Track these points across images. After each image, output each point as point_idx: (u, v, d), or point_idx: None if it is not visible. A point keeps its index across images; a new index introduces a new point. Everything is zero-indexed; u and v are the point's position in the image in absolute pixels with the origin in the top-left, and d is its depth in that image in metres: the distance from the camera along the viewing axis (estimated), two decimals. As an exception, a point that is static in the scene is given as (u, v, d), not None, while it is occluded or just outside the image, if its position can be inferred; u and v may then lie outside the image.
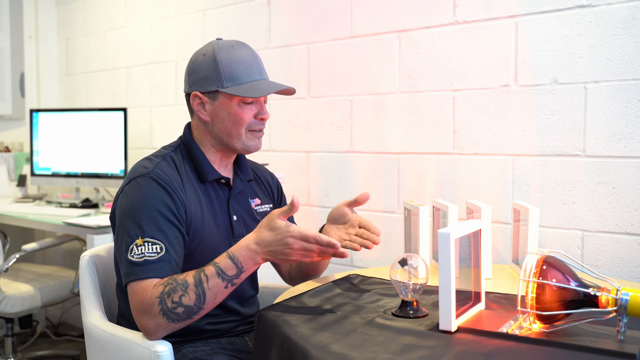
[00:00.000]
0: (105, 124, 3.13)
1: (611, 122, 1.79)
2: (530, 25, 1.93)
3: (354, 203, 1.56)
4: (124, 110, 3.07)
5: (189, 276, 1.32)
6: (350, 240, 1.55)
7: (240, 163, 1.63)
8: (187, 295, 1.29)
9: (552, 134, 1.90)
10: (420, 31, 2.19)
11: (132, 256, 1.34)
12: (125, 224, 1.38)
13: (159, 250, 1.34)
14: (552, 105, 1.90)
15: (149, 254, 1.33)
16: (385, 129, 2.29)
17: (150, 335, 1.34)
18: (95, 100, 3.63)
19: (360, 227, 1.56)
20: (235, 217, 1.57)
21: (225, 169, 1.58)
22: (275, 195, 1.75)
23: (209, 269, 1.32)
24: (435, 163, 2.17)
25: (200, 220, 1.48)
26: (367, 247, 1.53)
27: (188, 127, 1.58)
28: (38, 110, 3.31)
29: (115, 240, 1.43)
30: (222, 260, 1.33)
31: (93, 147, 3.17)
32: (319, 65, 2.49)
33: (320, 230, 1.61)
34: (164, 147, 1.57)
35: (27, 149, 3.67)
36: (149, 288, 1.31)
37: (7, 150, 3.60)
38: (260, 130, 1.52)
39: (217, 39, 1.53)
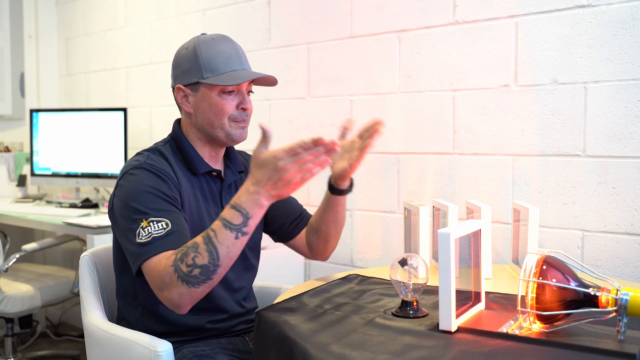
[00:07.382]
0: (105, 124, 3.13)
1: (611, 122, 1.79)
2: (530, 25, 1.93)
3: (343, 135, 1.55)
4: (124, 110, 3.07)
5: (198, 238, 1.29)
6: (355, 152, 1.52)
7: (230, 155, 1.64)
8: (199, 255, 1.25)
9: (552, 134, 1.90)
10: (420, 31, 2.19)
11: (141, 239, 1.33)
12: (127, 213, 1.38)
13: (164, 226, 1.33)
14: (552, 105, 1.90)
15: (156, 232, 1.32)
16: (385, 128, 2.29)
17: (177, 307, 1.29)
18: (95, 100, 3.63)
19: (359, 137, 1.53)
20: None
21: (216, 162, 1.59)
22: None
23: (215, 224, 1.28)
24: (435, 163, 2.17)
25: (195, 211, 1.49)
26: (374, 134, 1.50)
27: (177, 122, 1.62)
28: (38, 110, 3.31)
29: (119, 235, 1.43)
30: (226, 212, 1.29)
31: (93, 147, 3.17)
32: (319, 65, 2.49)
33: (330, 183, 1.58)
34: (155, 143, 1.61)
35: (27, 149, 3.67)
36: (162, 261, 1.29)
37: (7, 150, 3.60)
38: (244, 121, 1.52)
39: (201, 34, 1.57)
